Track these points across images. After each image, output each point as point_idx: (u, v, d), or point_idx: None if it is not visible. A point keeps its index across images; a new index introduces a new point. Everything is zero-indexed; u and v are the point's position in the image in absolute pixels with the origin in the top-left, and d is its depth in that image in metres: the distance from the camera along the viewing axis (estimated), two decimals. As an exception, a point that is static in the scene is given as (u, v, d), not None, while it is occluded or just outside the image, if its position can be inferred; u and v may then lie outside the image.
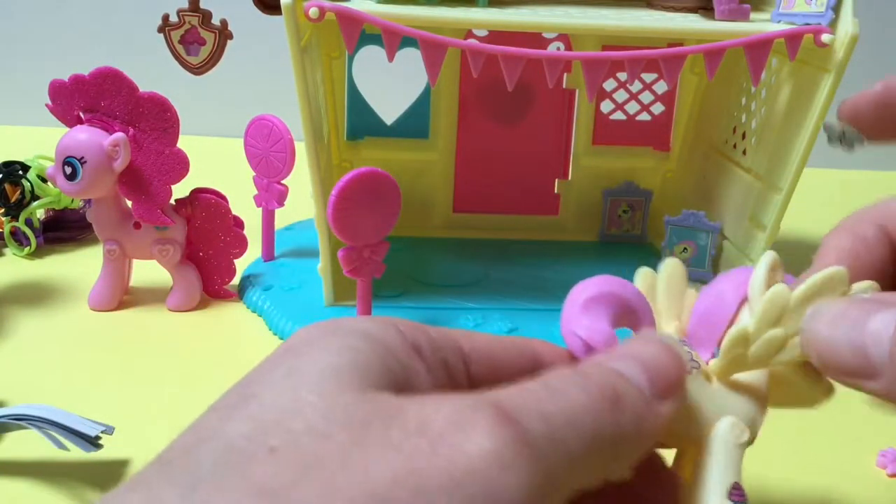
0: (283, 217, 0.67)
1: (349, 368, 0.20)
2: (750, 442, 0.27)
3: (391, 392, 0.20)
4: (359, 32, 0.48)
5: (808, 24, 0.51)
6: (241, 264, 0.60)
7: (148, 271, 0.58)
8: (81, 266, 0.63)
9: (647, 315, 0.27)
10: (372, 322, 0.22)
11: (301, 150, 0.54)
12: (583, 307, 0.27)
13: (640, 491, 0.25)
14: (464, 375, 0.24)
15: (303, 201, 0.62)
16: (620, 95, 0.68)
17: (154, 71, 0.61)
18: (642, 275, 0.29)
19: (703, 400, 0.26)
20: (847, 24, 0.50)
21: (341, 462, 0.17)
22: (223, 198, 0.58)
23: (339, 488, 0.17)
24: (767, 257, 0.28)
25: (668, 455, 0.27)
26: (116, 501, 0.17)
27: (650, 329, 0.27)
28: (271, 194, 0.61)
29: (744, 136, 0.62)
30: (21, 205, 0.65)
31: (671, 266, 0.30)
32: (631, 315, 0.27)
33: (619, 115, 0.69)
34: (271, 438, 0.18)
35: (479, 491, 0.17)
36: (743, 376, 0.27)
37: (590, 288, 0.27)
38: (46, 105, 0.54)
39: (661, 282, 0.30)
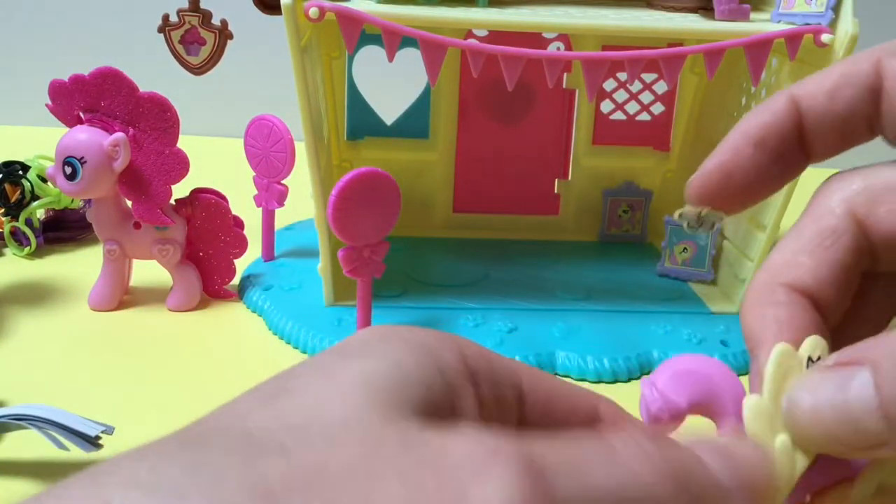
0: (283, 217, 0.67)
1: (391, 383, 0.19)
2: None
3: (424, 412, 0.18)
4: (359, 32, 0.48)
5: (807, 24, 0.51)
6: (241, 264, 0.60)
7: (148, 271, 0.58)
8: (81, 266, 0.63)
9: (731, 406, 0.25)
10: (433, 336, 0.21)
11: (301, 150, 0.54)
12: (668, 376, 0.25)
13: None
14: (515, 415, 0.22)
15: (303, 201, 0.62)
16: (620, 95, 0.68)
17: (154, 71, 0.61)
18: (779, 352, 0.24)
19: None
20: (847, 24, 0.50)
21: (342, 482, 0.16)
22: (223, 198, 0.58)
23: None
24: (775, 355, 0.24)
25: None
26: (125, 466, 0.16)
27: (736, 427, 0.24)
28: (271, 194, 0.61)
29: (744, 136, 0.62)
30: (21, 205, 0.65)
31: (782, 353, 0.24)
32: (713, 402, 0.25)
33: (619, 115, 0.69)
34: (286, 437, 0.17)
35: None
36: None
37: (680, 362, 0.25)
38: (46, 105, 0.54)
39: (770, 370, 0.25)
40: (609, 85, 0.67)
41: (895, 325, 0.26)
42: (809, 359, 0.24)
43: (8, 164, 0.67)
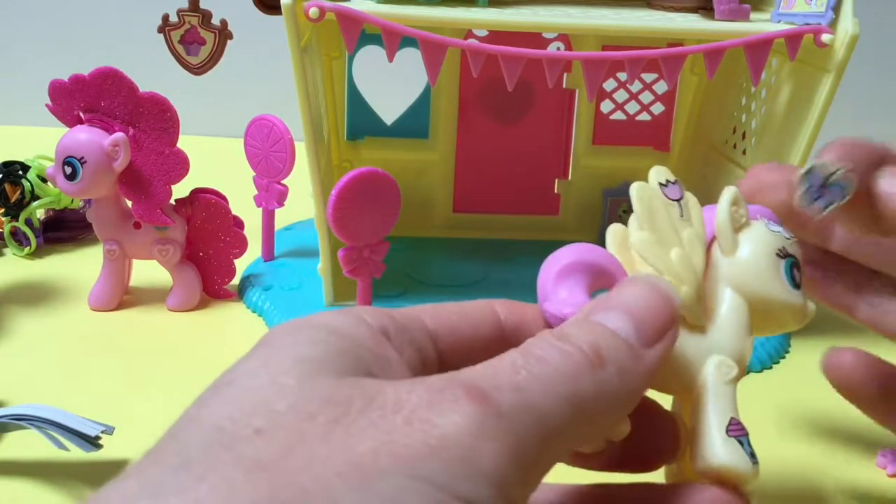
0: (283, 217, 0.67)
1: (322, 357, 0.20)
2: (740, 376, 0.27)
3: (364, 373, 0.20)
4: (359, 32, 0.48)
5: (808, 24, 0.51)
6: (241, 264, 0.60)
7: (148, 271, 0.58)
8: (81, 266, 0.63)
9: (622, 274, 0.27)
10: (338, 316, 0.22)
11: (301, 150, 0.54)
12: (556, 279, 0.27)
13: (641, 439, 0.25)
14: (433, 353, 0.24)
15: (303, 201, 0.62)
16: (620, 95, 0.68)
17: (154, 71, 0.61)
18: (613, 232, 0.29)
19: (688, 344, 0.27)
20: (847, 24, 0.50)
21: (324, 438, 0.18)
22: (223, 198, 0.58)
23: (325, 460, 0.17)
24: (728, 192, 0.29)
25: (665, 400, 0.27)
26: (113, 490, 0.17)
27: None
28: (271, 194, 0.61)
29: (744, 136, 0.62)
30: (21, 205, 0.65)
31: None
32: (606, 277, 0.27)
33: (619, 115, 0.69)
34: (255, 420, 0.18)
35: (456, 455, 0.18)
36: (724, 310, 0.28)
37: (560, 259, 0.28)
38: (46, 105, 0.54)
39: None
40: (609, 85, 0.67)
41: None
42: (660, 184, 0.28)
43: (8, 164, 0.67)
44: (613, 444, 0.25)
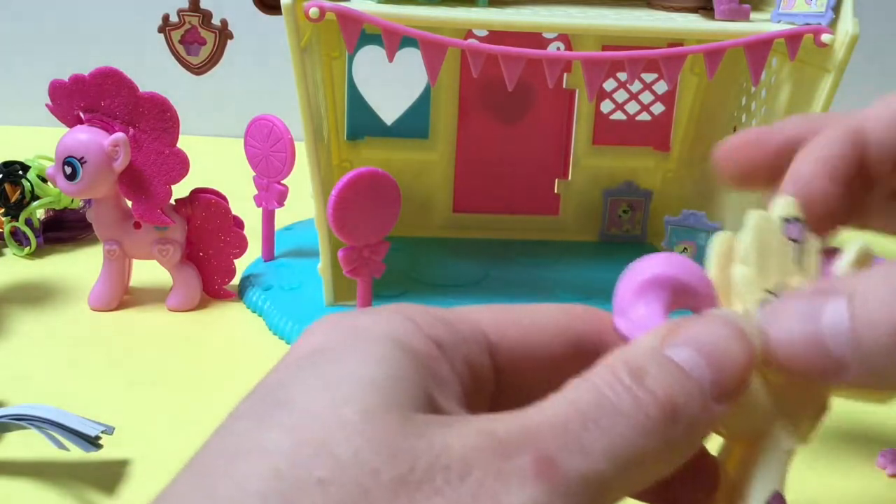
0: (283, 217, 0.67)
1: (388, 384, 0.18)
2: (802, 445, 0.24)
3: (428, 410, 0.19)
4: (359, 32, 0.48)
5: (808, 24, 0.51)
6: (241, 264, 0.60)
7: (148, 271, 0.58)
8: (81, 266, 0.63)
9: (710, 296, 0.25)
10: (396, 321, 0.20)
11: (301, 150, 0.54)
12: (636, 293, 0.25)
13: (678, 477, 0.23)
14: (489, 369, 0.22)
15: (303, 201, 0.62)
16: (620, 95, 0.68)
17: (154, 71, 0.61)
18: (720, 241, 0.25)
19: (762, 395, 0.24)
20: (847, 24, 0.50)
21: (388, 502, 0.16)
22: (223, 198, 0.58)
23: None
24: (854, 249, 0.25)
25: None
26: None
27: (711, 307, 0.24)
28: (271, 194, 0.61)
29: (744, 136, 0.62)
30: (21, 205, 0.65)
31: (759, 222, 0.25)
32: (692, 297, 0.25)
33: (619, 115, 0.69)
34: (317, 467, 0.17)
35: None
36: None
37: (644, 270, 0.25)
38: (46, 105, 0.54)
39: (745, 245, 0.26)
40: (609, 85, 0.67)
41: (852, 251, 0.25)
42: (785, 219, 0.25)
43: (8, 164, 0.67)
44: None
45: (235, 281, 0.59)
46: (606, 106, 0.68)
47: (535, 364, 0.23)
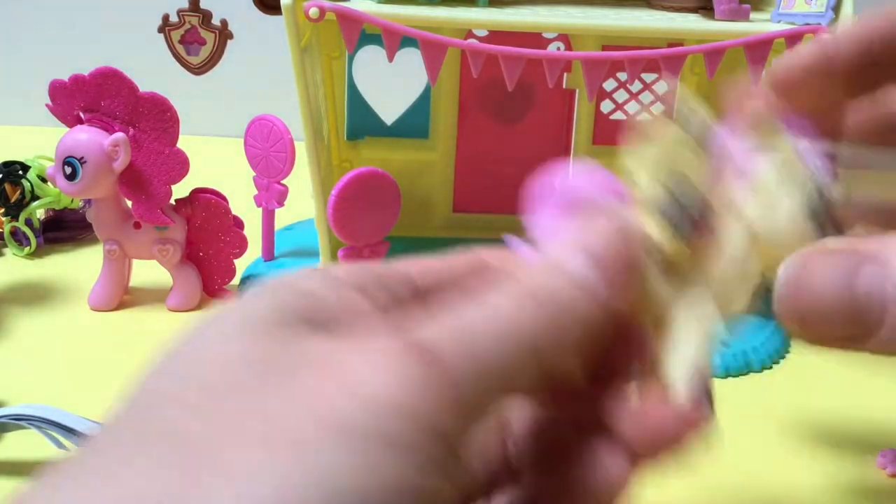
0: (283, 217, 0.67)
1: (269, 313, 0.20)
2: (737, 311, 0.25)
3: (313, 328, 0.20)
4: (359, 32, 0.48)
5: (808, 24, 0.51)
6: (241, 264, 0.60)
7: (148, 271, 0.58)
8: (81, 266, 0.63)
9: (626, 206, 0.26)
10: (306, 275, 0.22)
11: (301, 150, 0.54)
12: (549, 213, 0.27)
13: (609, 356, 0.25)
14: (416, 306, 0.23)
15: (303, 201, 0.62)
16: (620, 95, 0.68)
17: (154, 71, 0.61)
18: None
19: (667, 272, 0.25)
20: (847, 24, 0.50)
21: (252, 401, 0.17)
22: (223, 198, 0.58)
23: (249, 426, 0.17)
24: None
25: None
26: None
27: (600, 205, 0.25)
28: (271, 194, 0.61)
29: (744, 136, 0.62)
30: (21, 205, 0.65)
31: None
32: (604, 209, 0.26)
33: (619, 115, 0.69)
34: (187, 387, 0.19)
35: (389, 405, 0.17)
36: (727, 257, 0.25)
37: (556, 189, 0.27)
38: (46, 105, 0.54)
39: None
40: (609, 85, 0.67)
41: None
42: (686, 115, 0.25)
43: (8, 164, 0.67)
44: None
45: (235, 281, 0.59)
46: (606, 106, 0.68)
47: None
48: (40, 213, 0.67)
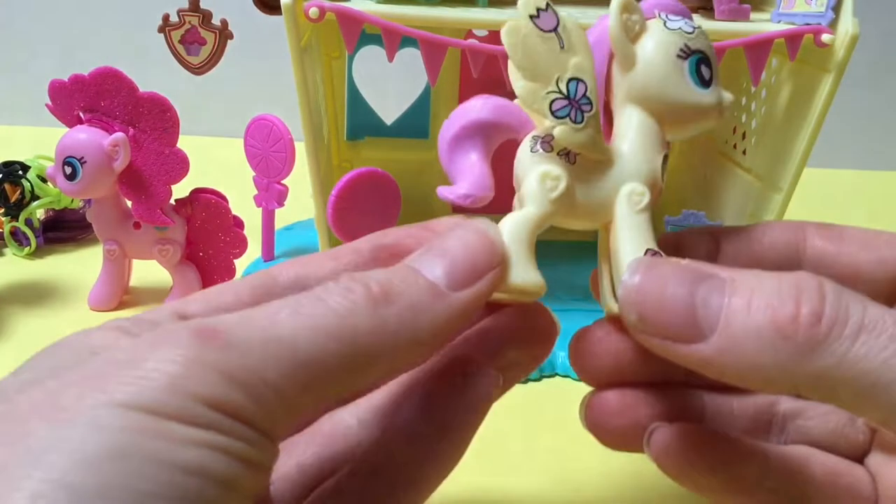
0: (283, 217, 0.67)
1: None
2: (655, 198, 0.26)
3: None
4: (359, 32, 0.48)
5: (808, 24, 0.51)
6: (241, 264, 0.60)
7: (148, 271, 0.58)
8: (81, 266, 0.63)
9: (527, 125, 0.27)
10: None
11: (301, 150, 0.54)
12: (449, 149, 0.27)
13: (511, 340, 0.27)
14: None
15: (303, 201, 0.62)
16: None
17: (154, 71, 0.61)
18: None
19: (598, 179, 0.26)
20: (847, 24, 0.50)
21: (49, 388, 0.18)
22: (223, 198, 0.58)
23: (42, 404, 0.18)
24: (617, 1, 0.27)
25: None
26: None
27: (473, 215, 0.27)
28: (271, 194, 0.61)
29: (744, 136, 0.62)
30: (21, 205, 0.65)
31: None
32: (509, 133, 0.27)
33: (619, 115, 0.69)
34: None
35: (163, 381, 0.18)
36: (631, 134, 0.27)
37: (453, 124, 0.27)
38: (46, 105, 0.54)
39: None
40: (609, 85, 0.67)
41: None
42: (531, 16, 0.26)
43: (8, 164, 0.67)
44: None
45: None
46: (606, 106, 0.68)
47: None
48: (40, 213, 0.67)
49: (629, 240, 0.25)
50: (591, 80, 0.26)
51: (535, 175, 0.26)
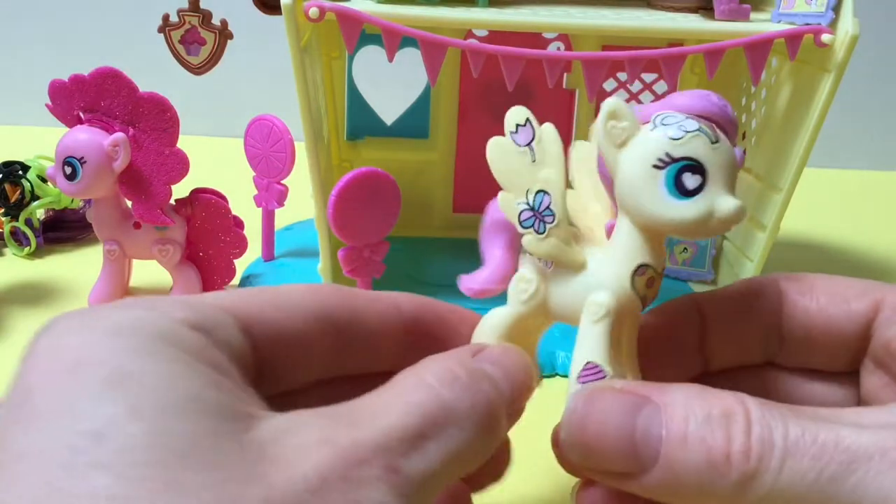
0: (283, 217, 0.67)
1: (200, 393, 0.19)
2: (624, 308, 0.26)
3: (227, 414, 0.19)
4: (359, 32, 0.48)
5: (808, 24, 0.51)
6: (241, 264, 0.59)
7: (148, 271, 0.58)
8: (81, 266, 0.63)
9: None
10: (163, 321, 0.21)
11: (301, 150, 0.54)
12: (486, 231, 0.29)
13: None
14: (248, 349, 0.23)
15: (303, 201, 0.62)
16: (620, 96, 0.68)
17: (154, 71, 0.61)
18: (577, 148, 0.29)
19: (573, 284, 0.27)
20: (847, 24, 0.50)
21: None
22: (223, 198, 0.58)
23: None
24: (604, 107, 0.28)
25: None
26: None
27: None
28: (271, 194, 0.61)
29: (744, 136, 0.62)
30: (21, 205, 0.65)
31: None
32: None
33: (619, 115, 0.69)
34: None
35: None
36: (612, 241, 0.27)
37: (495, 210, 0.29)
38: (46, 105, 0.54)
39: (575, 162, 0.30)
40: (609, 85, 0.67)
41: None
42: (510, 132, 0.29)
43: (8, 164, 0.67)
44: None
45: (235, 281, 0.59)
46: (606, 106, 0.68)
47: (291, 340, 0.24)
48: (40, 213, 0.67)
49: (579, 348, 0.26)
50: (558, 192, 0.27)
51: (514, 277, 0.28)
